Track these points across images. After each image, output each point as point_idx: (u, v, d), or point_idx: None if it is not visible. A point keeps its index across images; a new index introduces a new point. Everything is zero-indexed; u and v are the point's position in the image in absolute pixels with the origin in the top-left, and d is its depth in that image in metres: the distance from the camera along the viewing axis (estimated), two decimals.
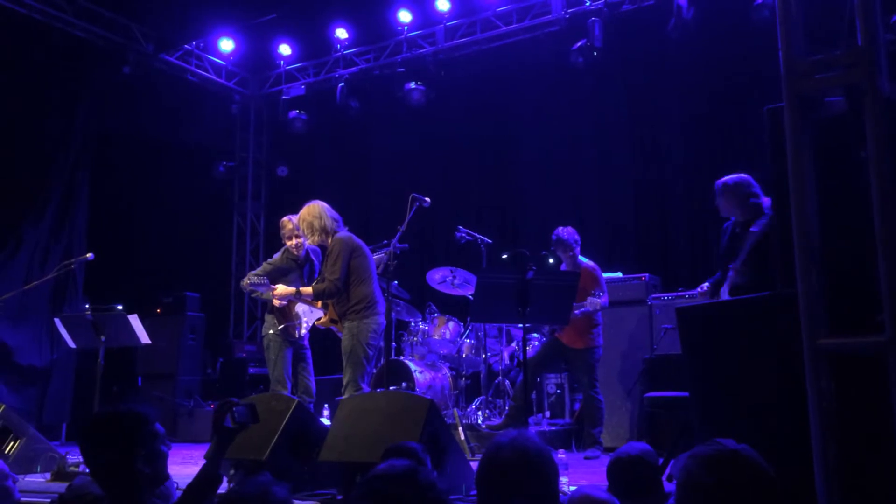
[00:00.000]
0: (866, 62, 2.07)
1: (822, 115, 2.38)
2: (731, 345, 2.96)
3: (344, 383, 5.18)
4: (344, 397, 4.96)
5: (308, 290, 5.41)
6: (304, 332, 5.70)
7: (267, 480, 1.98)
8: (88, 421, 2.44)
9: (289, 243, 5.72)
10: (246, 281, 5.63)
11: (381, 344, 5.44)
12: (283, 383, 5.50)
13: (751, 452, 1.85)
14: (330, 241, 5.33)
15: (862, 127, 2.10)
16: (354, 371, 5.13)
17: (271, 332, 5.61)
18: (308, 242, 5.56)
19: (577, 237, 6.10)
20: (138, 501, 2.35)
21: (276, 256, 5.86)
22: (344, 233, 5.38)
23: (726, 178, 4.76)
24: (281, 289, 5.47)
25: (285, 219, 5.77)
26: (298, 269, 5.82)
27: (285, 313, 5.62)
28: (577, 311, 5.75)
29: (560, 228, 6.13)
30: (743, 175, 4.74)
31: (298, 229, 5.52)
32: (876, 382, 2.12)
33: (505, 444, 2.03)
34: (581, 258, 6.13)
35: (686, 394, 3.81)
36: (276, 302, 5.56)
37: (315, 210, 5.39)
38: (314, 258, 5.93)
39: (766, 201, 4.53)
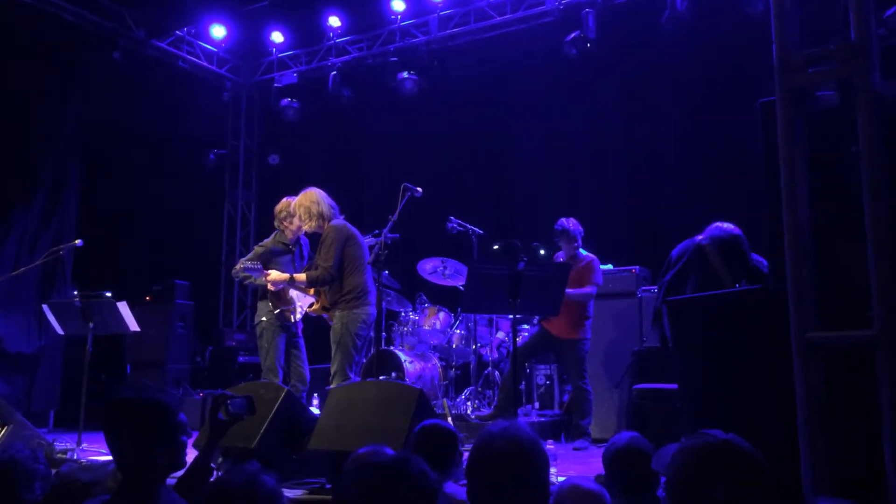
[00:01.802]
0: (860, 57, 2.07)
1: (815, 108, 2.38)
2: (721, 337, 2.97)
3: (332, 372, 5.19)
4: (332, 386, 4.98)
5: (301, 276, 5.40)
6: (298, 316, 5.70)
7: (256, 469, 1.98)
8: (110, 404, 2.38)
9: (306, 225, 5.70)
10: (239, 266, 5.61)
11: (371, 334, 5.43)
12: (274, 371, 5.49)
13: (740, 441, 1.86)
14: (326, 227, 5.32)
15: (854, 121, 2.11)
16: (343, 360, 5.13)
17: (265, 318, 5.59)
18: (304, 228, 5.56)
19: (581, 229, 6.12)
20: (153, 488, 2.36)
21: (268, 240, 5.85)
22: (339, 220, 5.38)
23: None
24: (275, 274, 5.47)
25: (287, 200, 5.77)
26: (290, 252, 5.82)
27: (281, 297, 5.60)
28: (572, 291, 5.73)
29: (565, 219, 6.12)
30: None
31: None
32: (864, 376, 2.14)
33: (497, 433, 2.03)
34: (581, 251, 6.15)
35: (675, 386, 3.83)
36: (271, 286, 5.54)
37: (312, 196, 5.41)
38: (302, 243, 5.94)
39: None
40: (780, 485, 2.07)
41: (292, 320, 5.64)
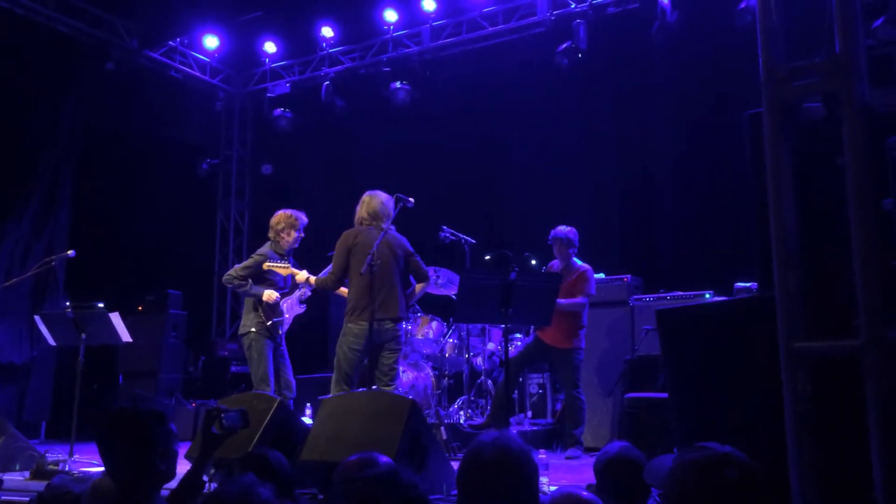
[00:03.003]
0: (844, 71, 2.09)
1: (802, 120, 2.41)
2: (710, 347, 2.98)
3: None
4: (321, 396, 5.00)
5: (312, 279, 5.51)
6: (286, 327, 5.80)
7: (251, 481, 1.98)
8: (108, 416, 2.45)
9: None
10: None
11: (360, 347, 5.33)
12: (266, 382, 5.50)
13: (739, 453, 1.84)
14: None
15: (840, 134, 2.13)
16: (337, 372, 5.17)
17: (253, 330, 5.61)
18: None
19: (576, 240, 6.13)
20: (150, 496, 2.38)
21: (264, 249, 5.86)
22: (357, 227, 5.35)
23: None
24: (303, 274, 5.54)
25: (283, 212, 5.86)
26: (285, 260, 5.86)
27: (274, 309, 5.64)
28: (563, 301, 5.73)
29: (562, 228, 6.12)
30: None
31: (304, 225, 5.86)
32: (851, 385, 2.15)
33: (487, 443, 2.03)
34: (575, 259, 6.16)
35: (666, 395, 3.85)
36: (268, 297, 5.56)
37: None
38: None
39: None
40: (779, 496, 2.08)
41: (281, 332, 5.70)
